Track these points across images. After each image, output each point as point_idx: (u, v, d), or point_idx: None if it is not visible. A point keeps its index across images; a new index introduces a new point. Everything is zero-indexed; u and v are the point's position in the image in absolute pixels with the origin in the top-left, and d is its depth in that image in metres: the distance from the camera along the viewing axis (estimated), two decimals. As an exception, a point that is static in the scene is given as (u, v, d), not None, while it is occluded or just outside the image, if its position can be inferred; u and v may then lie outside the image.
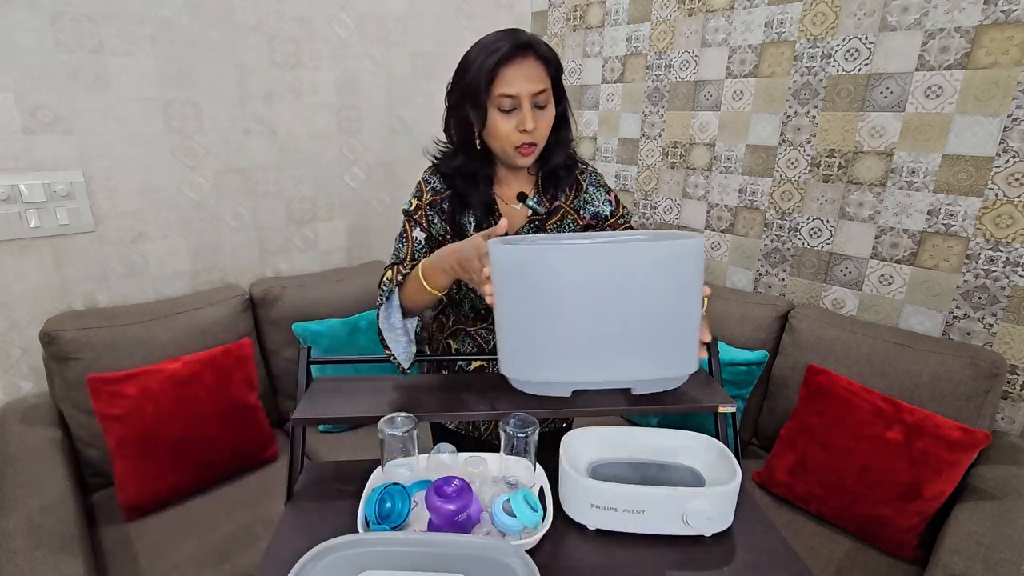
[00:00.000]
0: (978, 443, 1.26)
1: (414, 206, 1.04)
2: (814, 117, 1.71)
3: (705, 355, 0.77)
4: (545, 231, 1.04)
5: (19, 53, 1.37)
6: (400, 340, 0.98)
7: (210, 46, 1.66)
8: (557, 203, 1.06)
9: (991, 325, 1.49)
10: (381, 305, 0.97)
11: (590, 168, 1.11)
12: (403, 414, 0.83)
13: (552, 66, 0.95)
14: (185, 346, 1.54)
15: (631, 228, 1.09)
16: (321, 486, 0.90)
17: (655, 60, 2.08)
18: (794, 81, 1.73)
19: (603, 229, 1.07)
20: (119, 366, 1.43)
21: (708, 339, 0.78)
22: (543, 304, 0.70)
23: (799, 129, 1.75)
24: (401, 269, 0.98)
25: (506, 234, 0.84)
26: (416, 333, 1.01)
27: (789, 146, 1.78)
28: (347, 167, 2.07)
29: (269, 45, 1.78)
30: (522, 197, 1.04)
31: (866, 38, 1.57)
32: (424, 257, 0.99)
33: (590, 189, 1.08)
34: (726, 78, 1.90)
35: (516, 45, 0.90)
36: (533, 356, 0.73)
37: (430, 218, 1.04)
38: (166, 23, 1.57)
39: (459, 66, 0.96)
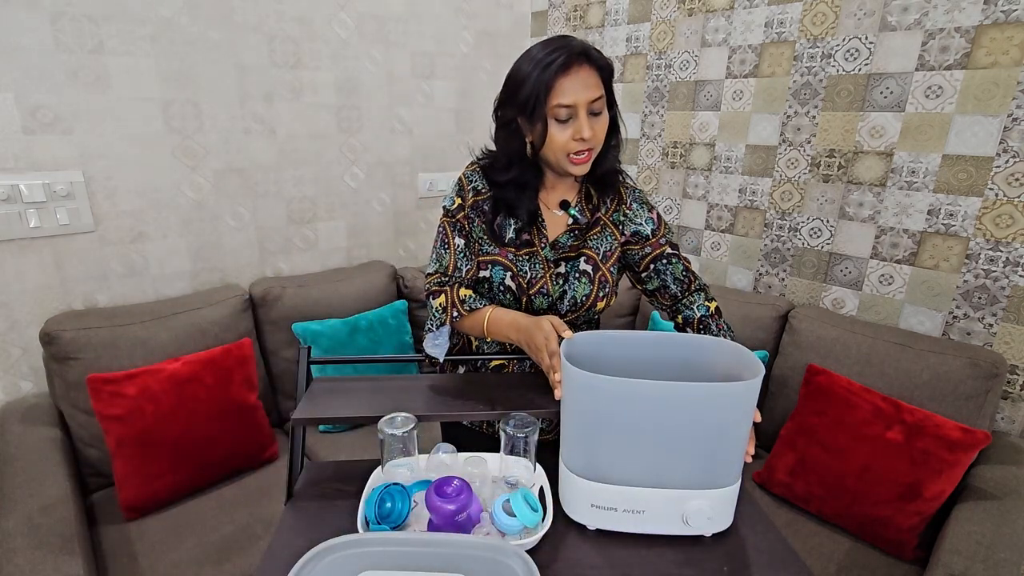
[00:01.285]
0: (978, 443, 1.26)
1: (456, 204, 1.04)
2: (814, 117, 1.71)
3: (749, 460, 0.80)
4: (585, 241, 1.04)
5: (19, 53, 1.37)
6: (442, 350, 1.02)
7: (210, 46, 1.66)
8: (598, 215, 1.06)
9: (991, 325, 1.49)
10: (430, 332, 1.01)
11: (632, 184, 1.10)
12: (403, 414, 0.83)
13: (606, 72, 0.94)
14: (185, 346, 1.54)
15: (671, 246, 1.07)
16: (321, 486, 0.90)
17: (655, 60, 2.08)
18: (794, 81, 1.73)
19: (643, 247, 1.06)
20: (119, 366, 1.43)
21: (752, 452, 0.80)
22: (606, 421, 0.75)
23: (799, 129, 1.75)
24: (458, 304, 0.99)
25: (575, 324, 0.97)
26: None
27: (789, 146, 1.78)
28: (347, 167, 2.07)
29: (269, 45, 1.78)
30: (565, 205, 1.04)
31: (866, 38, 1.57)
32: (465, 263, 1.03)
33: (633, 206, 1.07)
34: (726, 78, 1.90)
35: (571, 54, 0.89)
36: (592, 457, 0.78)
37: (471, 220, 1.04)
38: (166, 23, 1.57)
39: (509, 80, 0.95)
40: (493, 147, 1.04)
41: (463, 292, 1.01)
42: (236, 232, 1.85)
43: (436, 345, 1.01)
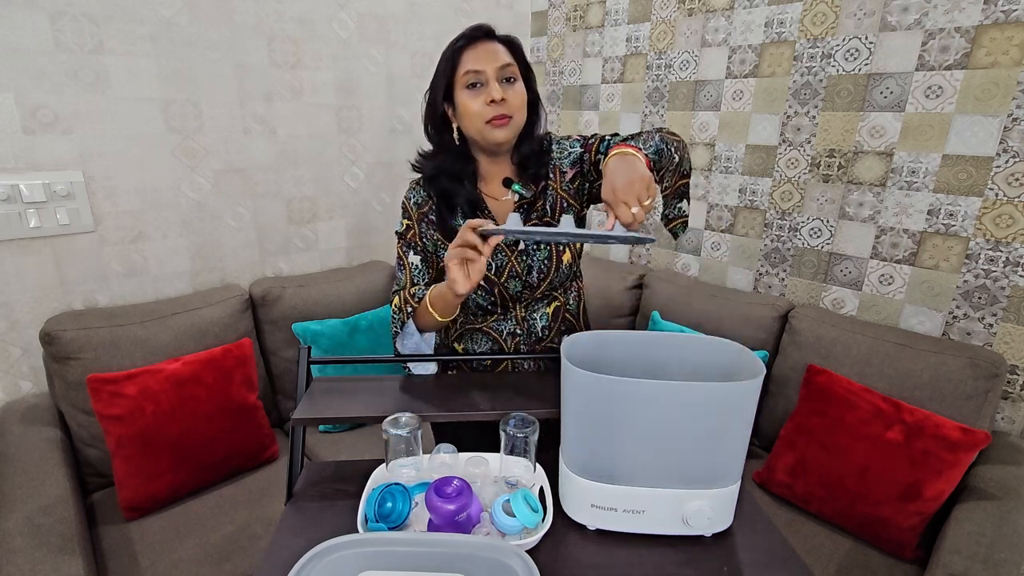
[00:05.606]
0: (978, 443, 1.26)
1: (405, 226, 1.07)
2: (814, 117, 1.71)
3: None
4: (534, 211, 1.05)
5: (19, 53, 1.37)
6: (413, 347, 1.03)
7: (210, 46, 1.66)
8: (542, 183, 1.07)
9: (991, 325, 1.49)
10: (396, 335, 1.03)
11: (555, 136, 1.11)
12: (407, 414, 0.83)
13: (515, 47, 1.00)
14: (185, 346, 1.54)
15: (600, 142, 1.04)
16: (321, 486, 0.90)
17: (655, 60, 2.08)
18: (794, 81, 1.73)
19: (584, 164, 1.05)
20: (119, 366, 1.43)
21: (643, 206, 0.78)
22: (606, 421, 0.75)
23: (799, 129, 1.75)
24: (409, 299, 1.01)
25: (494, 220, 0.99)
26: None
27: (789, 146, 1.78)
28: (347, 167, 2.07)
29: (269, 45, 1.78)
30: (507, 182, 1.05)
31: (866, 38, 1.57)
32: (423, 280, 1.05)
33: (553, 148, 1.07)
34: (726, 78, 1.90)
35: (476, 29, 0.98)
36: (592, 457, 0.77)
37: (422, 235, 1.06)
38: (166, 23, 1.57)
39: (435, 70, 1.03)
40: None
41: (412, 289, 1.04)
42: (236, 232, 1.85)
43: (404, 346, 1.04)
